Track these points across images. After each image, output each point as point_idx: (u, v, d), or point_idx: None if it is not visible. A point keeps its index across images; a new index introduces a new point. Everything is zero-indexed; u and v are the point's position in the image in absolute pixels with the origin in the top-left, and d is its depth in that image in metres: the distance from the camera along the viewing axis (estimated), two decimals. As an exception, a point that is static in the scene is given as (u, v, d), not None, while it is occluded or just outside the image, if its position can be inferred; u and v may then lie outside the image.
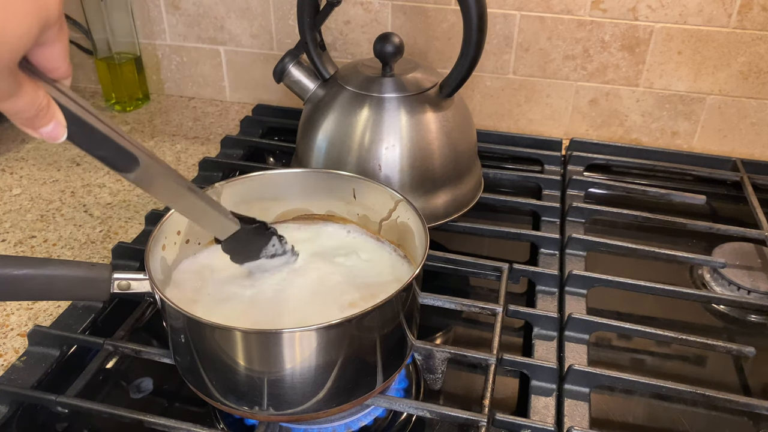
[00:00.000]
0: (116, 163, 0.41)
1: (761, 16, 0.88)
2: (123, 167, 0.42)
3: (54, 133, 0.37)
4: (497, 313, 0.62)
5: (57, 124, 0.37)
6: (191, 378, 0.52)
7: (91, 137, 0.39)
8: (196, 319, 0.46)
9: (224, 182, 0.60)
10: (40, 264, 0.48)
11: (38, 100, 0.35)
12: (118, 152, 0.41)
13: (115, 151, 0.41)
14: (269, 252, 0.56)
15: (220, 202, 0.58)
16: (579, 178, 0.88)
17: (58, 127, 0.37)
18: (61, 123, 0.37)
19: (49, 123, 0.36)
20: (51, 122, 0.37)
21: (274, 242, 0.56)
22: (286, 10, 1.01)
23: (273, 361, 0.47)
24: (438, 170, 0.72)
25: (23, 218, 0.83)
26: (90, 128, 0.39)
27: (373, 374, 0.52)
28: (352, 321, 0.46)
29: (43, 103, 0.36)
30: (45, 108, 0.36)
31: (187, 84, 1.13)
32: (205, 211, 0.49)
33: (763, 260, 0.76)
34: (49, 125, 0.37)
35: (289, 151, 0.88)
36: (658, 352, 0.66)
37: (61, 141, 0.38)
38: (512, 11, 0.94)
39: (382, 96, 0.70)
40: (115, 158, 0.41)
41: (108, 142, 0.40)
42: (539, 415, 0.57)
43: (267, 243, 0.56)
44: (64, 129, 0.37)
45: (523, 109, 1.02)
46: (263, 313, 0.54)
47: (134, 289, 0.50)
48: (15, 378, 0.59)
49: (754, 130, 0.96)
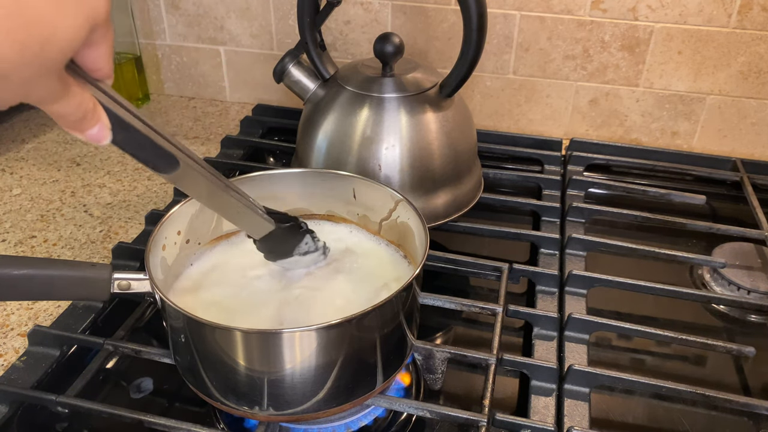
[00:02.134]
0: (156, 164, 0.41)
1: (761, 16, 0.88)
2: (162, 168, 0.41)
3: (99, 136, 0.36)
4: (497, 313, 0.62)
5: (102, 126, 0.36)
6: (191, 378, 0.52)
7: (134, 139, 0.39)
8: (195, 319, 0.46)
9: None
10: (40, 264, 0.48)
11: (85, 102, 0.34)
12: (159, 154, 0.40)
13: (155, 152, 0.40)
14: (302, 249, 0.56)
15: None
16: (579, 178, 0.88)
17: (103, 129, 0.36)
18: (106, 125, 0.36)
19: (95, 125, 0.35)
20: (96, 125, 0.36)
21: (307, 240, 0.56)
22: (286, 10, 1.01)
23: (273, 361, 0.47)
24: (438, 170, 0.72)
25: (23, 218, 0.83)
26: (132, 130, 0.38)
27: (373, 374, 0.52)
28: (352, 321, 0.46)
29: (89, 106, 0.35)
30: (91, 110, 0.35)
31: (187, 84, 1.13)
32: (240, 211, 0.49)
33: (763, 260, 0.76)
34: (94, 128, 0.36)
35: (289, 151, 0.88)
36: (658, 352, 0.66)
37: (105, 143, 0.37)
38: (512, 11, 0.94)
39: (382, 96, 0.70)
40: (155, 159, 0.41)
41: (149, 144, 0.39)
42: (539, 415, 0.57)
43: (300, 241, 0.56)
44: (109, 131, 0.36)
45: (523, 109, 1.02)
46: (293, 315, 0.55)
47: (134, 289, 0.50)
48: (15, 378, 0.59)
49: (754, 130, 0.96)
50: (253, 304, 0.55)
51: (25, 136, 1.01)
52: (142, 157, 0.40)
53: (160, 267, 0.55)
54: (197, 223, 0.59)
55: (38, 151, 0.97)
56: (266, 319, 0.54)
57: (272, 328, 0.51)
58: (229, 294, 0.56)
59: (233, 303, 0.55)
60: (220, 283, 0.58)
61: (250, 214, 0.50)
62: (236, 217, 0.50)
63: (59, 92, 0.33)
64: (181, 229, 0.58)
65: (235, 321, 0.52)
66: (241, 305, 0.55)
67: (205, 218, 0.60)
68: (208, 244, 0.61)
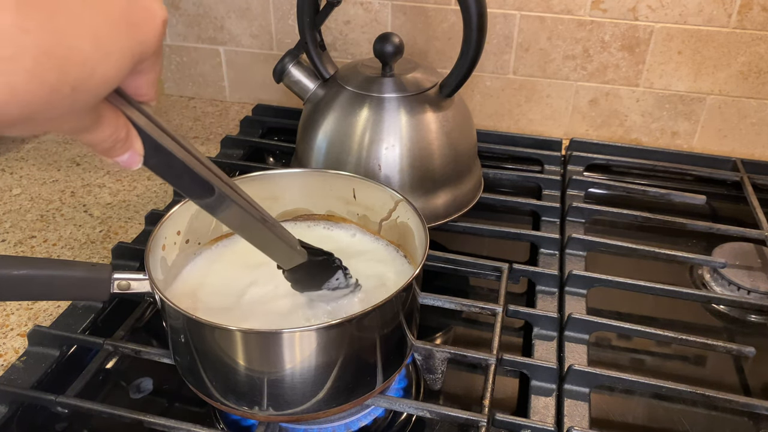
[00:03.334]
0: (190, 191, 0.39)
1: (761, 16, 0.88)
2: (196, 195, 0.39)
3: (129, 162, 0.34)
4: (497, 313, 0.62)
5: (133, 152, 0.34)
6: (191, 378, 0.52)
7: (169, 165, 0.36)
8: (195, 319, 0.46)
9: None
10: (40, 264, 0.48)
11: (117, 132, 0.32)
12: (194, 181, 0.38)
13: (190, 180, 0.38)
14: (332, 285, 0.54)
15: None
16: (579, 178, 0.88)
17: (134, 156, 0.34)
18: (138, 152, 0.34)
19: (125, 153, 0.34)
20: (127, 152, 0.34)
21: (338, 276, 0.54)
22: (286, 10, 1.01)
23: (273, 361, 0.47)
24: (438, 170, 0.72)
25: (23, 218, 0.83)
26: (168, 155, 0.36)
27: (373, 374, 0.52)
28: (352, 321, 0.46)
29: (121, 135, 0.32)
30: (123, 139, 0.33)
31: (187, 84, 1.13)
32: (272, 242, 0.47)
33: (763, 260, 0.76)
34: (125, 155, 0.34)
35: (289, 151, 0.88)
36: (658, 352, 0.66)
37: (136, 168, 0.35)
38: (512, 11, 0.94)
39: (382, 96, 0.70)
40: (190, 187, 0.38)
41: (185, 170, 0.37)
42: (539, 415, 0.57)
43: (332, 276, 0.53)
44: (140, 158, 0.34)
45: (523, 109, 1.02)
46: None
47: (134, 289, 0.50)
48: (15, 378, 0.59)
49: (754, 130, 0.96)
50: (253, 303, 0.55)
51: (24, 136, 1.01)
52: (176, 183, 0.38)
53: (160, 267, 0.55)
54: (197, 223, 0.59)
55: (38, 151, 0.97)
56: (266, 319, 0.54)
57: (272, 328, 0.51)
58: (228, 294, 0.56)
59: (233, 303, 0.55)
60: (219, 283, 0.58)
61: (282, 246, 0.48)
62: (268, 248, 0.48)
63: (90, 125, 0.31)
64: (180, 229, 0.58)
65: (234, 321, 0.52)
66: (240, 305, 0.55)
67: (205, 218, 0.60)
68: (207, 244, 0.61)
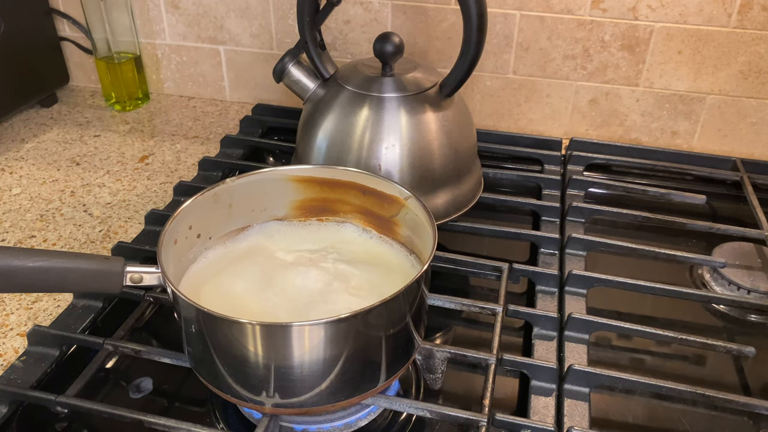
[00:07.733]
0: None
1: (761, 16, 0.88)
2: None
3: None
4: (497, 313, 0.62)
5: None
6: (203, 370, 0.53)
7: None
8: (206, 311, 0.46)
9: (234, 178, 0.60)
10: (54, 256, 0.49)
11: None
12: None
13: None
14: None
15: (229, 198, 0.59)
16: (579, 178, 0.88)
17: None
18: None
19: None
20: None
21: None
22: (286, 9, 1.01)
23: (281, 353, 0.47)
24: (438, 170, 0.71)
25: (23, 218, 0.82)
26: None
27: (377, 371, 0.52)
28: (359, 316, 0.47)
29: None
30: None
31: (187, 83, 1.13)
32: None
33: (763, 260, 0.76)
34: None
35: (289, 150, 0.88)
36: (658, 352, 0.66)
37: None
38: (512, 11, 0.94)
39: (382, 96, 0.70)
40: None
41: None
42: (539, 415, 0.57)
43: None
44: None
45: (523, 109, 1.02)
46: None
47: (146, 282, 0.50)
48: (15, 378, 0.59)
49: (754, 130, 0.96)
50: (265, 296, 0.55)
51: (25, 136, 1.01)
52: None
53: (172, 261, 0.55)
54: (209, 217, 0.59)
55: (38, 151, 0.97)
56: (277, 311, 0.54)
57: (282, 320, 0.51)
58: (240, 286, 0.56)
59: (244, 295, 0.56)
60: (231, 276, 0.58)
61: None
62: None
63: None
64: (192, 224, 0.58)
65: (246, 313, 0.52)
66: (251, 297, 0.55)
67: (217, 213, 0.60)
68: (219, 238, 0.61)
